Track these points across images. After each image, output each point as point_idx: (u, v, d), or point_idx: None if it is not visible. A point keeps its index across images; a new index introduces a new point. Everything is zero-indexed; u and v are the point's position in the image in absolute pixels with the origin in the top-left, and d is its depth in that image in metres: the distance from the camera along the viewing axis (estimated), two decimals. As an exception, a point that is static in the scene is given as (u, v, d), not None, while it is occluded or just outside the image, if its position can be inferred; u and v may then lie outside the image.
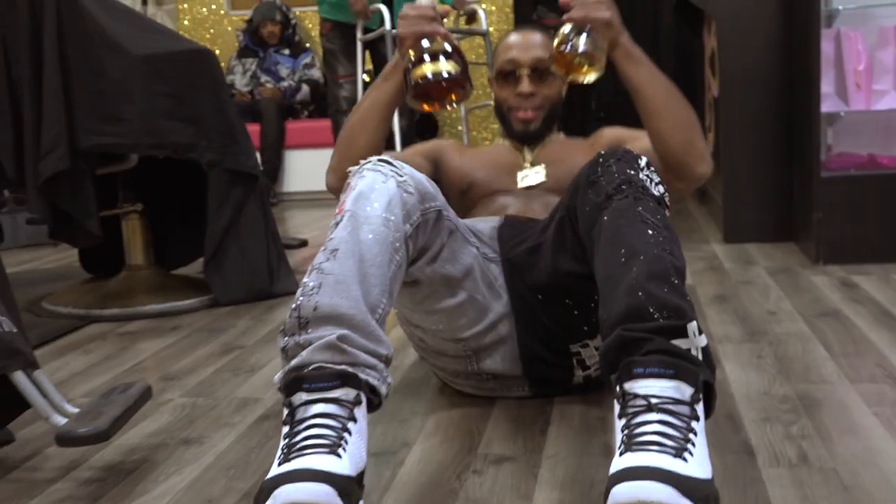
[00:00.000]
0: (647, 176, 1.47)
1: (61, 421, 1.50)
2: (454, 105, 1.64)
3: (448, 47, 1.63)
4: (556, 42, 1.61)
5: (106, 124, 2.54)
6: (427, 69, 1.60)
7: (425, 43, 1.63)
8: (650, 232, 1.35)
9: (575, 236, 1.54)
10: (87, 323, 2.68)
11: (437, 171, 1.99)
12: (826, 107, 3.07)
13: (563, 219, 1.58)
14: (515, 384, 1.79)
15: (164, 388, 2.02)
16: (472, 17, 4.62)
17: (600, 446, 1.56)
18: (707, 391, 1.22)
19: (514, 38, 1.98)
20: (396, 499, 1.40)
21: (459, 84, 1.61)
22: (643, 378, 1.17)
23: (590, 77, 1.62)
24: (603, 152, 1.52)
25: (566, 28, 1.61)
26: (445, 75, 1.60)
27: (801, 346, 2.09)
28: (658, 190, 1.47)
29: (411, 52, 1.63)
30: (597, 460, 1.50)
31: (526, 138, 1.97)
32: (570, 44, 1.59)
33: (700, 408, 1.18)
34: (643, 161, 1.49)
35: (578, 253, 1.54)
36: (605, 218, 1.41)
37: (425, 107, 1.65)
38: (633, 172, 1.45)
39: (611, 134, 2.00)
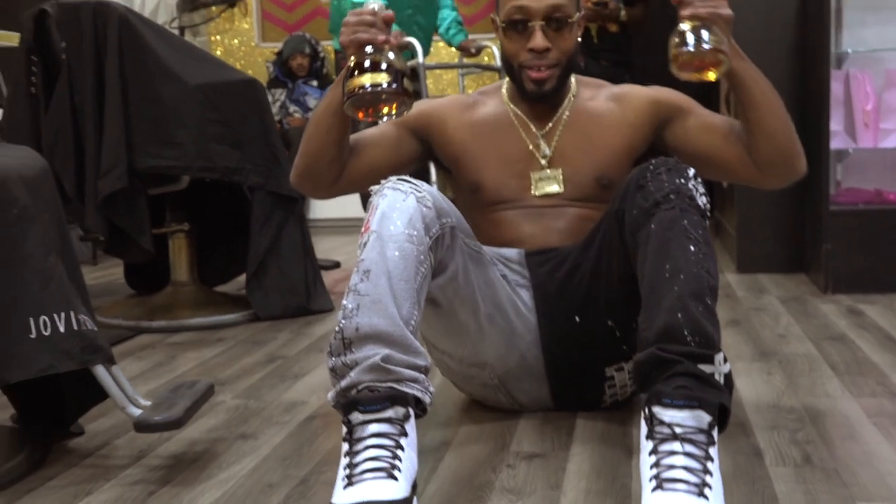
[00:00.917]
0: (695, 186, 1.56)
1: (136, 412, 1.66)
2: (391, 117, 1.57)
3: (391, 55, 1.55)
4: (676, 42, 1.51)
5: (162, 148, 2.73)
6: (365, 79, 1.52)
7: (368, 50, 1.55)
8: (692, 248, 1.47)
9: (622, 243, 1.61)
10: (136, 333, 2.86)
11: (429, 147, 1.91)
12: (835, 144, 3.25)
13: (611, 229, 1.65)
14: (542, 405, 1.91)
15: (216, 391, 2.18)
16: (478, 52, 4.75)
17: (623, 445, 1.71)
18: (722, 413, 1.39)
19: None
20: (438, 488, 1.55)
21: (396, 96, 1.53)
22: (670, 408, 1.35)
23: (718, 74, 1.53)
24: (654, 160, 1.60)
25: (684, 27, 1.51)
26: (384, 86, 1.52)
27: (808, 366, 2.24)
28: (703, 201, 1.56)
29: (351, 60, 1.56)
30: (620, 457, 1.65)
31: (539, 99, 1.84)
32: (696, 42, 1.48)
33: (715, 432, 1.36)
34: (691, 171, 1.57)
35: (625, 256, 1.61)
36: (653, 226, 1.51)
37: (360, 115, 1.58)
38: (681, 181, 1.54)
39: (659, 98, 1.88)
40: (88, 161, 2.70)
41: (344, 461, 1.39)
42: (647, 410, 1.38)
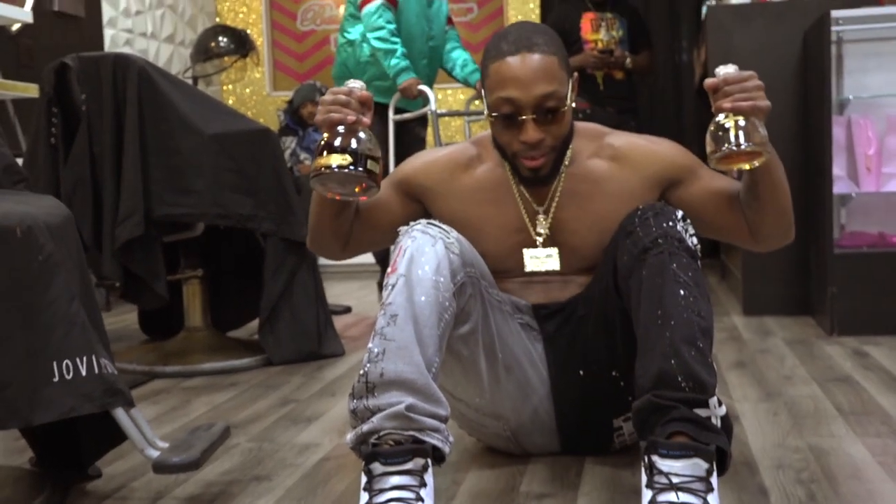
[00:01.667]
0: (684, 227, 1.60)
1: (155, 453, 1.70)
2: (356, 197, 1.59)
3: (362, 135, 1.54)
4: (718, 135, 1.47)
5: (178, 196, 2.80)
6: (332, 160, 1.51)
7: (339, 129, 1.54)
8: (682, 293, 1.52)
9: (617, 293, 1.65)
10: (150, 378, 2.90)
11: (426, 213, 1.86)
12: (838, 188, 3.30)
13: (606, 280, 1.68)
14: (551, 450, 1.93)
15: (230, 434, 2.22)
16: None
17: (631, 486, 1.74)
18: (721, 456, 1.45)
19: (510, 64, 1.64)
20: (450, 526, 1.59)
21: (359, 179, 1.53)
22: (667, 458, 1.41)
23: (757, 163, 1.51)
24: (641, 206, 1.64)
25: (727, 122, 1.47)
26: (348, 169, 1.51)
27: (814, 406, 2.27)
28: (692, 241, 1.60)
29: (324, 138, 1.54)
30: (629, 498, 1.68)
31: (536, 182, 1.76)
32: (743, 137, 1.45)
33: (714, 479, 1.41)
34: (679, 213, 1.61)
35: (622, 308, 1.65)
36: (644, 272, 1.56)
37: (328, 194, 1.61)
38: (669, 225, 1.57)
39: (664, 160, 1.78)
40: (106, 209, 2.77)
41: None
42: (646, 459, 1.43)
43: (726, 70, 1.51)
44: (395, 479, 1.44)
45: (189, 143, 2.81)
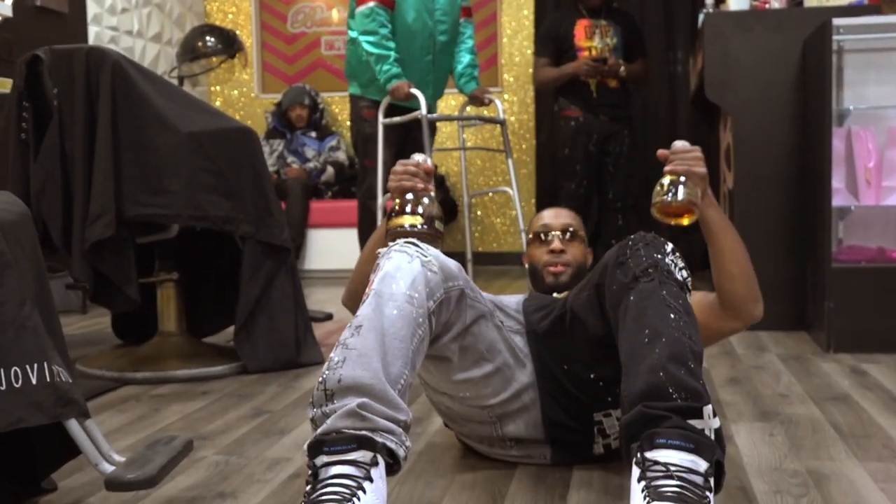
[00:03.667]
0: (673, 261, 1.61)
1: (109, 468, 1.58)
2: None
3: (426, 201, 1.80)
4: (658, 190, 1.74)
5: (152, 196, 2.68)
6: (405, 220, 1.77)
7: (409, 196, 1.80)
8: (672, 315, 1.48)
9: (602, 313, 1.66)
10: (120, 385, 2.78)
11: None
12: (837, 201, 3.20)
13: (591, 297, 1.69)
14: (537, 451, 1.88)
15: (197, 446, 2.10)
16: (490, 103, 4.68)
17: (619, 497, 1.64)
18: (717, 470, 1.34)
19: (547, 211, 2.23)
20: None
21: (429, 236, 1.76)
22: (665, 448, 1.30)
23: (686, 222, 1.75)
24: (633, 236, 1.66)
25: (665, 180, 1.75)
26: (419, 228, 1.77)
27: (812, 427, 2.17)
28: (682, 274, 1.60)
29: (397, 203, 1.80)
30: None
31: (555, 290, 2.10)
32: (673, 194, 1.73)
33: (712, 482, 1.30)
34: (669, 247, 1.64)
35: (604, 327, 1.65)
36: (632, 298, 1.54)
37: None
38: (659, 257, 1.59)
39: None
40: (76, 208, 2.65)
41: (302, 501, 1.33)
42: (639, 455, 1.32)
43: (679, 143, 1.82)
44: (337, 468, 1.32)
45: (164, 141, 2.69)
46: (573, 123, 4.64)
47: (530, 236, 2.20)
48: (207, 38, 5.27)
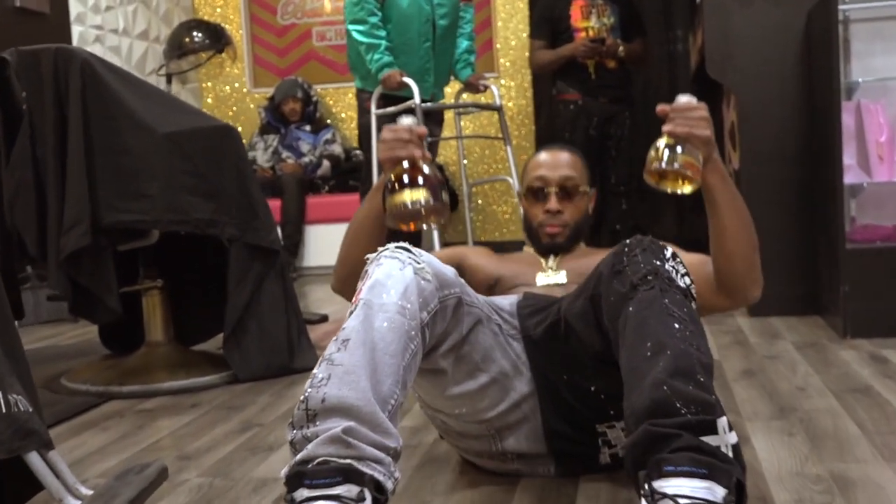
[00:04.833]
0: (673, 267, 1.45)
1: (75, 503, 1.46)
2: (430, 227, 1.64)
3: (426, 170, 1.61)
4: (652, 154, 1.54)
5: (128, 201, 2.55)
6: (405, 196, 1.58)
7: (405, 165, 1.61)
8: (676, 326, 1.34)
9: (598, 324, 1.51)
10: (105, 400, 2.66)
11: (459, 273, 1.94)
12: (849, 178, 3.06)
13: (587, 308, 1.54)
14: (540, 463, 1.75)
15: (180, 467, 1.99)
16: (486, 89, 4.58)
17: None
18: (738, 491, 1.19)
19: (543, 156, 2.01)
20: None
21: (435, 211, 1.59)
22: (674, 476, 1.16)
23: (687, 189, 1.55)
24: (629, 241, 1.50)
25: (661, 142, 1.54)
26: (422, 203, 1.58)
27: (833, 423, 2.04)
28: (685, 281, 1.45)
29: (391, 176, 1.61)
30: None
31: (552, 250, 1.97)
32: (670, 159, 1.52)
33: None
34: (669, 251, 1.48)
35: (602, 341, 1.51)
36: (631, 309, 1.39)
37: (402, 227, 1.63)
38: (659, 263, 1.44)
39: None
40: (51, 216, 2.53)
41: None
42: (646, 487, 1.17)
43: (682, 99, 1.58)
44: None
45: (140, 143, 2.56)
46: (572, 107, 4.51)
47: (524, 190, 2.01)
48: (194, 33, 5.14)
